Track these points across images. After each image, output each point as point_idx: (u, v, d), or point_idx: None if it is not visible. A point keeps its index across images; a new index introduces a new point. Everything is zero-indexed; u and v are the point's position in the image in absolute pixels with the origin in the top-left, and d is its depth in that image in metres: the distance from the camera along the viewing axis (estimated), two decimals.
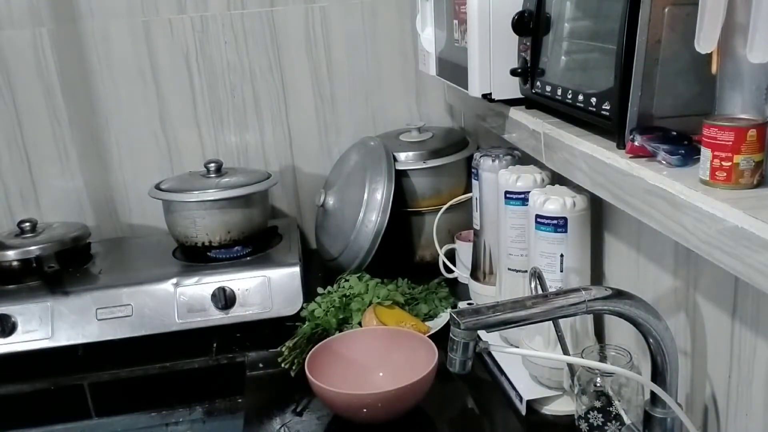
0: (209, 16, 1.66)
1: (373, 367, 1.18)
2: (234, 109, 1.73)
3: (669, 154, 0.71)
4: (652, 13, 0.72)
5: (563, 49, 0.93)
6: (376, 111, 1.78)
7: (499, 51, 1.04)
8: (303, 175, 1.79)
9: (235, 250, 1.51)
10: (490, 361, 1.19)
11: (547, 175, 1.15)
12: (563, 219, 1.01)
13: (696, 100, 0.74)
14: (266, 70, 1.71)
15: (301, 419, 1.11)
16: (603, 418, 0.92)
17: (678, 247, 0.90)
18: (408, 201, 1.58)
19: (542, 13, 0.95)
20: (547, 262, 1.03)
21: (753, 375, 0.79)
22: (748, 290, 0.78)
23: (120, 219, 1.73)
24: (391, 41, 1.74)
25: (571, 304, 0.76)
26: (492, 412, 1.14)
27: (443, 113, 1.82)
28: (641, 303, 0.78)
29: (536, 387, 1.08)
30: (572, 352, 1.00)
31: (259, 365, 1.27)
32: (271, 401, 1.17)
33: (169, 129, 1.71)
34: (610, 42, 0.78)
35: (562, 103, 0.90)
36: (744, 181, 0.62)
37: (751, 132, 0.61)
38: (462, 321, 0.74)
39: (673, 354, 0.79)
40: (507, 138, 1.13)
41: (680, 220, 0.66)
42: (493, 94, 1.07)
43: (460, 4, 1.10)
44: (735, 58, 0.63)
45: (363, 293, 1.36)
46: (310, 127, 1.77)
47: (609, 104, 0.78)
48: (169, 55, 1.67)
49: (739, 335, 0.81)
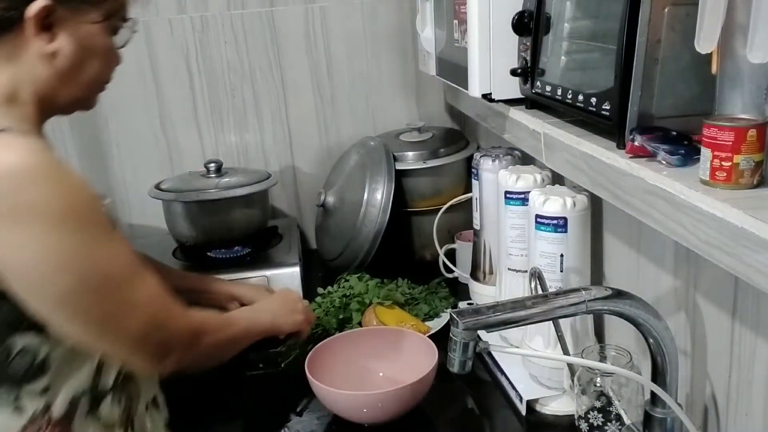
0: (209, 16, 1.66)
1: (373, 367, 1.18)
2: (234, 109, 1.73)
3: (669, 154, 0.71)
4: (652, 13, 0.72)
5: (563, 49, 0.93)
6: (376, 111, 1.78)
7: (499, 51, 1.04)
8: (303, 175, 1.79)
9: (235, 250, 1.51)
10: (490, 361, 1.19)
11: (547, 175, 1.15)
12: (563, 219, 1.01)
13: (696, 100, 0.74)
14: (266, 70, 1.72)
15: (301, 419, 1.11)
16: (603, 418, 0.92)
17: (678, 247, 0.90)
18: (408, 201, 1.58)
19: (542, 13, 0.95)
20: (547, 262, 1.03)
21: (753, 375, 0.79)
22: (748, 290, 0.78)
23: (120, 219, 1.73)
24: (391, 41, 1.74)
25: (571, 304, 0.76)
26: (492, 412, 1.14)
27: (443, 113, 1.82)
28: (641, 303, 0.78)
29: (536, 387, 1.08)
30: (572, 352, 1.00)
31: (259, 365, 1.27)
32: (271, 401, 1.17)
33: (169, 129, 1.71)
34: (610, 42, 0.78)
35: (562, 103, 0.90)
36: (744, 181, 0.62)
37: (751, 132, 0.61)
38: (462, 321, 0.74)
39: (673, 354, 0.79)
40: (507, 138, 1.13)
41: (680, 220, 0.66)
42: (493, 94, 1.07)
43: (460, 4, 1.10)
44: (735, 58, 0.63)
45: (363, 293, 1.36)
46: (310, 127, 1.77)
47: (609, 104, 0.78)
48: (169, 55, 1.67)
49: (739, 335, 0.81)
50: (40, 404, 0.81)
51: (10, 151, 0.73)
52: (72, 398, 0.83)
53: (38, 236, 0.73)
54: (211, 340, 0.92)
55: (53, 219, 0.73)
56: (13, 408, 0.80)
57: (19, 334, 0.79)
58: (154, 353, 0.84)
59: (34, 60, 0.81)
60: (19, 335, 0.79)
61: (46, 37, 0.80)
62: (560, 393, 1.06)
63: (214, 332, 0.93)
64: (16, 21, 0.78)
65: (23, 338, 0.79)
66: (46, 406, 0.81)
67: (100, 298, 0.78)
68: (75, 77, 0.84)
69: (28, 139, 0.76)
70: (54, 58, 0.82)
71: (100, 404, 0.85)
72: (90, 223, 0.77)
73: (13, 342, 0.79)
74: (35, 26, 0.79)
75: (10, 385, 0.80)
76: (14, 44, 0.80)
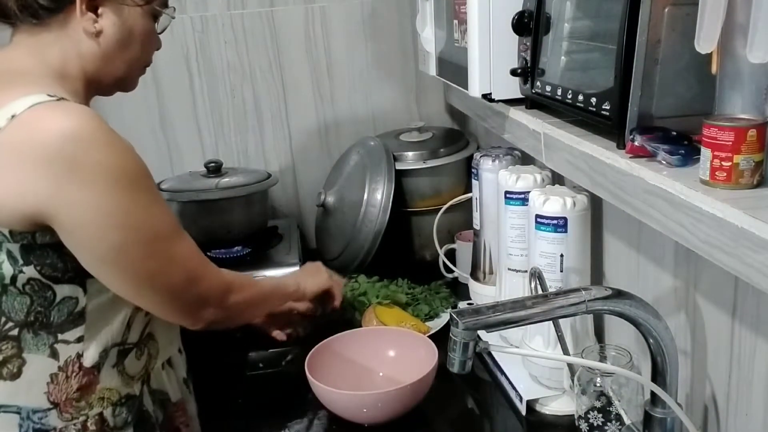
0: (209, 16, 1.66)
1: (373, 367, 1.18)
2: (234, 110, 1.73)
3: (669, 154, 0.71)
4: (652, 13, 0.72)
5: (563, 49, 0.93)
6: (376, 111, 1.78)
7: (499, 51, 1.04)
8: (303, 175, 1.79)
9: (235, 250, 1.51)
10: (490, 361, 1.19)
11: (547, 175, 1.15)
12: (563, 219, 1.01)
13: (696, 100, 0.74)
14: (266, 70, 1.71)
15: (301, 419, 1.11)
16: (603, 418, 0.92)
17: (678, 247, 0.90)
18: (408, 201, 1.58)
19: (542, 13, 0.95)
20: (547, 262, 1.03)
21: (753, 375, 0.79)
22: (748, 290, 0.78)
23: None
24: (391, 41, 1.74)
25: (571, 304, 0.76)
26: (492, 412, 1.14)
27: (443, 113, 1.82)
28: (641, 303, 0.78)
29: (536, 387, 1.08)
30: (572, 352, 1.00)
31: (259, 365, 1.27)
32: (271, 401, 1.17)
33: (169, 129, 1.71)
34: (610, 42, 0.78)
35: (562, 103, 0.90)
36: (744, 181, 0.62)
37: (751, 132, 0.61)
38: (462, 321, 0.74)
39: (673, 354, 0.79)
40: (507, 138, 1.13)
41: (680, 220, 0.66)
42: (493, 94, 1.07)
43: (460, 4, 1.10)
44: (735, 58, 0.63)
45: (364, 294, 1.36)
46: (310, 127, 1.77)
47: (609, 104, 0.78)
48: (169, 55, 1.66)
49: (739, 335, 0.81)
50: (74, 352, 0.87)
51: (72, 116, 0.79)
52: (103, 349, 0.89)
53: (97, 194, 0.79)
54: (239, 298, 0.99)
55: (112, 179, 0.80)
56: (50, 352, 0.86)
57: (62, 285, 0.84)
58: (190, 306, 0.92)
59: (82, 38, 0.88)
60: (61, 285, 0.84)
61: (92, 17, 0.88)
62: (560, 393, 1.06)
63: (242, 290, 1.01)
64: (67, 1, 0.86)
65: (65, 289, 0.85)
66: (78, 354, 0.87)
67: (148, 252, 0.85)
68: (118, 57, 0.92)
69: (85, 107, 0.83)
70: (99, 37, 0.89)
71: (126, 357, 0.91)
72: (141, 185, 0.84)
73: (55, 291, 0.84)
74: (83, 6, 0.86)
75: (49, 331, 0.85)
76: (64, 23, 0.87)
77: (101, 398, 0.90)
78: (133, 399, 0.93)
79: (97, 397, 0.89)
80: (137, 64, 0.96)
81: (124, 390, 0.92)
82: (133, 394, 0.93)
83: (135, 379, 0.93)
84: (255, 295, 1.06)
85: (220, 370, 1.26)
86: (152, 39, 0.96)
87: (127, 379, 0.92)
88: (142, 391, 0.95)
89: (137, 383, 0.94)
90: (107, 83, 0.94)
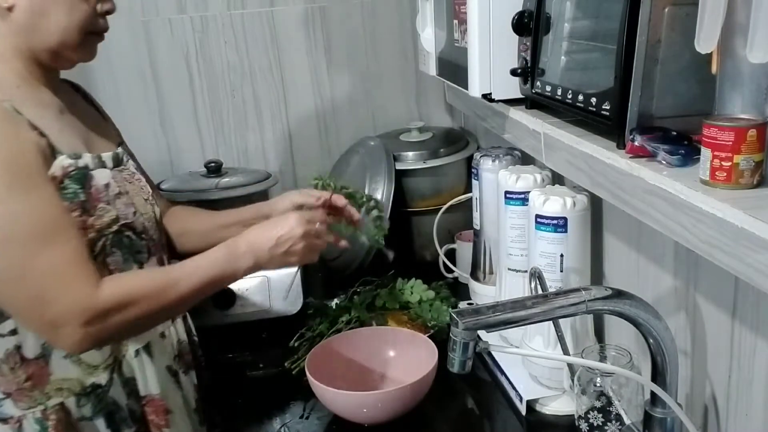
0: (209, 16, 1.66)
1: (373, 367, 1.18)
2: (234, 109, 1.73)
3: (669, 154, 0.71)
4: (652, 13, 0.72)
5: (563, 49, 0.93)
6: (376, 111, 1.78)
7: (499, 51, 1.04)
8: (303, 175, 1.79)
9: None
10: (490, 361, 1.19)
11: (547, 175, 1.15)
12: (563, 219, 1.01)
13: (696, 100, 0.74)
14: (266, 70, 1.71)
15: (301, 419, 1.11)
16: (603, 418, 0.92)
17: (678, 247, 0.90)
18: (408, 201, 1.58)
19: (542, 13, 0.95)
20: (547, 262, 1.03)
21: (753, 375, 0.79)
22: (748, 290, 0.78)
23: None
24: (391, 41, 1.74)
25: (571, 304, 0.76)
26: (492, 412, 1.14)
27: (443, 113, 1.82)
28: (641, 303, 0.78)
29: (536, 387, 1.08)
30: (572, 352, 1.00)
31: (259, 365, 1.27)
32: (271, 401, 1.17)
33: (169, 129, 1.71)
34: (610, 42, 0.78)
35: (562, 103, 0.90)
36: (744, 181, 0.62)
37: (751, 132, 0.61)
38: (462, 321, 0.74)
39: (673, 354, 0.79)
40: (507, 138, 1.13)
41: (680, 220, 0.66)
42: (493, 94, 1.07)
43: (460, 4, 1.10)
44: (735, 58, 0.63)
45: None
46: (310, 127, 1.77)
47: (609, 104, 0.78)
48: (169, 55, 1.67)
49: (739, 335, 0.81)
50: (11, 344, 0.86)
51: None
52: (43, 341, 0.87)
53: None
54: (138, 311, 0.85)
55: None
56: None
57: None
58: (40, 328, 0.84)
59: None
60: None
61: None
62: (560, 393, 1.06)
63: (143, 301, 0.86)
64: None
65: None
66: (17, 346, 0.86)
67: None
68: (42, 26, 0.88)
69: None
70: (12, 11, 0.86)
71: None
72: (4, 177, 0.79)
73: None
74: None
75: None
76: None
77: (59, 389, 0.88)
78: (99, 389, 0.90)
79: (54, 388, 0.87)
80: (71, 30, 0.89)
81: (88, 380, 0.89)
82: (99, 384, 0.90)
83: (99, 368, 0.90)
84: (162, 304, 0.88)
85: (220, 370, 1.25)
86: (74, 1, 0.89)
87: (89, 369, 0.89)
88: (111, 380, 0.91)
89: (104, 372, 0.90)
90: (47, 56, 0.90)
